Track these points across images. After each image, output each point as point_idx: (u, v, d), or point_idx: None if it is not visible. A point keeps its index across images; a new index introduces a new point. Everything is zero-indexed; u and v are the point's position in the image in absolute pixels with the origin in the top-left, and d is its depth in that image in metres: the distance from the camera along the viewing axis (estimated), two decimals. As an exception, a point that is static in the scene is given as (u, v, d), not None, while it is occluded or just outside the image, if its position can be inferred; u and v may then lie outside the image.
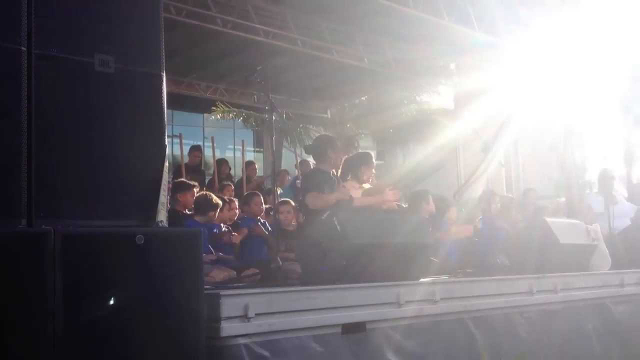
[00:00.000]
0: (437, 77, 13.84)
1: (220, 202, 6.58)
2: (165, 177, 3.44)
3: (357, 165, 6.32)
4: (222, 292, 3.51)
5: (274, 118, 5.06)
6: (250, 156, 20.58)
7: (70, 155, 3.16)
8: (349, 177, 6.43)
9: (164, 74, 3.53)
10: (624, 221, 8.56)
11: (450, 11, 9.70)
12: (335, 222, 4.25)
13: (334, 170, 6.04)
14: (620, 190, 11.21)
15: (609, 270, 6.36)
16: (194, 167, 10.57)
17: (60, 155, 3.12)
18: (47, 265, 2.76)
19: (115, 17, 3.39)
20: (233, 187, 9.19)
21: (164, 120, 3.50)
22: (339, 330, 3.97)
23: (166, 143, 3.50)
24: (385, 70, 12.39)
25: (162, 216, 3.34)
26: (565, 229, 5.87)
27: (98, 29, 3.30)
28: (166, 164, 3.46)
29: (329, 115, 16.69)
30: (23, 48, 3.04)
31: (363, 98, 18.83)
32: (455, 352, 4.61)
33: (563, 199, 11.10)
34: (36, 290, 2.73)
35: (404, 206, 6.50)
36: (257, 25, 10.16)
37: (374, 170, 6.37)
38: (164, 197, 3.39)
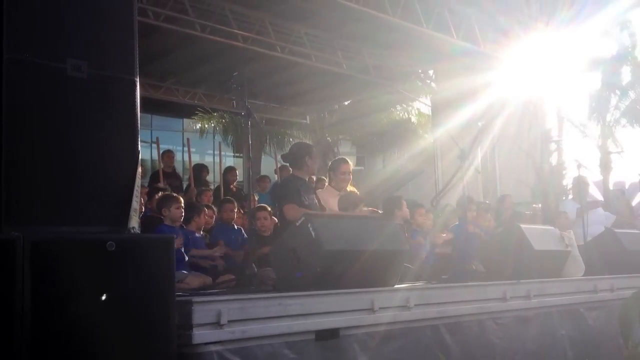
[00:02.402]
0: (415, 84, 13.91)
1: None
2: (138, 183, 3.43)
3: (332, 171, 6.37)
4: (195, 299, 3.50)
5: (249, 124, 5.04)
6: (230, 162, 20.54)
7: (41, 160, 3.13)
8: (327, 183, 6.48)
9: (138, 79, 3.51)
10: (598, 228, 8.67)
11: (429, 18, 9.77)
12: (310, 229, 4.24)
13: (309, 177, 6.09)
14: (596, 196, 11.35)
15: (582, 276, 6.42)
16: (171, 172, 10.51)
17: (31, 161, 3.10)
18: (15, 272, 2.73)
19: (88, 21, 3.37)
20: (211, 193, 9.15)
21: (137, 126, 3.48)
22: (312, 337, 3.97)
23: (139, 149, 3.49)
24: (363, 76, 12.46)
25: (134, 222, 3.32)
26: (540, 236, 5.92)
27: (71, 34, 3.28)
28: (139, 170, 3.45)
29: (308, 121, 16.71)
30: (-7, 52, 3.01)
31: (345, 103, 18.92)
32: (428, 358, 4.62)
33: (539, 205, 11.23)
34: (4, 296, 2.70)
35: (379, 212, 6.52)
36: (235, 31, 10.18)
37: (349, 176, 6.37)
38: (136, 202, 3.37)
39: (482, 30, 10.74)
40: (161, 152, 10.45)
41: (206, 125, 19.25)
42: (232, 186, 10.75)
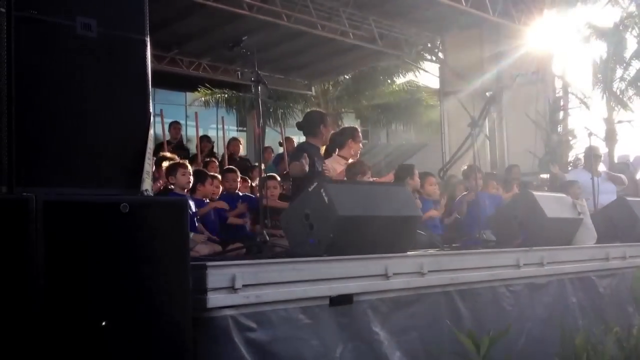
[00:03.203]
0: (422, 55, 13.77)
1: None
2: (150, 145, 3.36)
3: (344, 139, 6.30)
4: (208, 263, 3.45)
5: (259, 90, 4.95)
6: (233, 135, 20.43)
7: (52, 121, 3.05)
8: (336, 152, 6.41)
9: (148, 39, 3.43)
10: (609, 197, 8.61)
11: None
12: (323, 194, 4.18)
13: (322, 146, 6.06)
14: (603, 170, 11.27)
15: (594, 244, 6.37)
16: (177, 143, 10.46)
17: (41, 122, 3.02)
18: (29, 233, 2.68)
19: (96, -21, 3.27)
20: (217, 163, 9.11)
21: (148, 87, 3.40)
22: (326, 302, 3.93)
23: (151, 110, 3.41)
24: (370, 46, 12.31)
25: (147, 185, 3.26)
26: (552, 203, 5.85)
27: (80, -9, 3.19)
28: (151, 131, 3.38)
29: (314, 93, 16.57)
30: (2, 9, 2.92)
31: (347, 76, 18.75)
32: (441, 325, 4.59)
33: (547, 176, 11.16)
34: (18, 257, 2.65)
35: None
36: (241, -1, 10.03)
37: (361, 145, 6.36)
38: (148, 165, 3.30)
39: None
40: (168, 123, 10.39)
41: (210, 98, 19.12)
42: (237, 157, 10.72)
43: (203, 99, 18.71)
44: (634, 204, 7.03)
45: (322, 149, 6.26)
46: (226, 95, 17.97)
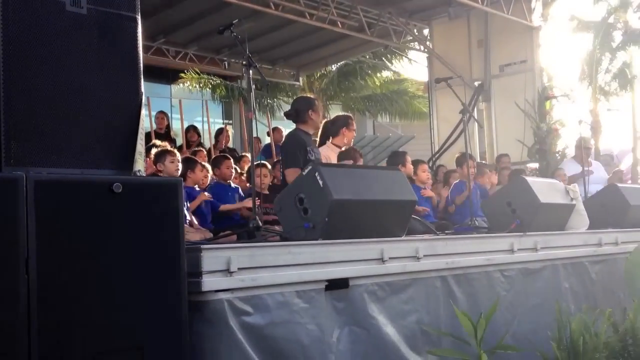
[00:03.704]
0: (410, 42, 13.72)
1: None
2: (142, 125, 3.28)
3: (338, 127, 6.25)
4: (203, 246, 3.38)
5: (250, 73, 4.86)
6: (219, 127, 20.18)
7: (41, 99, 2.96)
8: (330, 140, 6.35)
9: (139, 17, 3.34)
10: (596, 187, 8.63)
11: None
12: (317, 178, 4.12)
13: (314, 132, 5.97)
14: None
15: (587, 230, 6.35)
16: (164, 133, 10.33)
17: (30, 100, 2.93)
18: (19, 213, 2.59)
19: (86, -47, 3.18)
20: (205, 153, 9.01)
21: (140, 66, 3.32)
22: (322, 286, 3.87)
23: (142, 90, 3.33)
24: (359, 35, 12.24)
25: (140, 165, 3.18)
26: (545, 188, 5.82)
27: (68, -34, 3.09)
28: (143, 111, 3.30)
29: (301, 83, 16.46)
30: (-12, -17, 2.83)
31: (334, 67, 18.64)
32: (436, 310, 4.55)
33: (537, 165, 11.18)
34: (9, 236, 2.56)
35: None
36: (229, -14, 9.92)
37: (354, 133, 6.32)
38: (141, 145, 3.22)
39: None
40: (154, 114, 10.25)
41: (195, 85, 18.76)
42: (224, 147, 10.61)
43: (189, 83, 18.37)
44: (625, 190, 7.03)
45: (317, 134, 6.20)
46: (212, 82, 17.69)
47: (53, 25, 3.02)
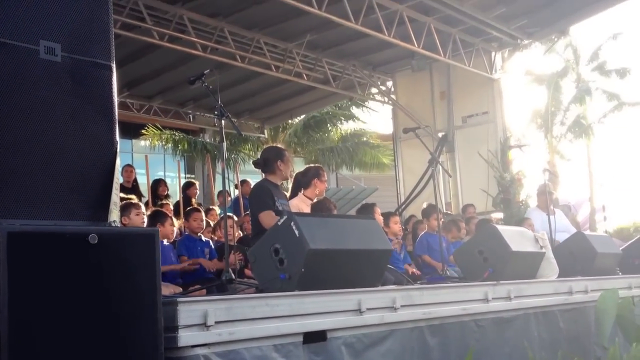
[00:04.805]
0: (374, 94, 13.92)
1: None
2: (117, 175, 3.20)
3: (309, 179, 6.22)
4: (179, 299, 3.27)
5: (222, 123, 4.83)
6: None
7: (13, 149, 2.87)
8: (301, 192, 6.31)
9: (114, 65, 3.30)
10: (563, 235, 8.73)
11: (390, 27, 9.75)
12: (293, 227, 4.06)
13: (282, 183, 5.92)
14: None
15: (556, 278, 6.38)
16: (132, 187, 10.17)
17: (3, 150, 2.83)
18: (-10, 265, 2.47)
19: (61, 3, 3.14)
20: (170, 206, 8.88)
21: (115, 114, 3.26)
22: (300, 339, 3.77)
23: (117, 139, 3.26)
24: (324, 87, 12.38)
25: (115, 216, 3.09)
26: (515, 237, 5.85)
27: (44, 15, 3.04)
28: (118, 160, 3.22)
29: (266, 136, 16.49)
30: (-39, 30, 2.76)
31: (297, 120, 18.77)
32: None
33: (501, 215, 11.29)
34: (-23, 293, 2.43)
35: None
36: (194, 39, 9.96)
37: (326, 184, 6.30)
38: (116, 195, 3.13)
39: (442, 40, 10.79)
40: (120, 168, 10.08)
41: (157, 142, 18.62)
42: (192, 200, 10.47)
43: (148, 142, 18.19)
44: (592, 238, 7.11)
45: (286, 184, 6.15)
46: (175, 136, 17.57)
47: (26, 74, 2.95)
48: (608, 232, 15.28)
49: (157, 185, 10.22)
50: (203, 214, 7.08)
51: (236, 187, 10.95)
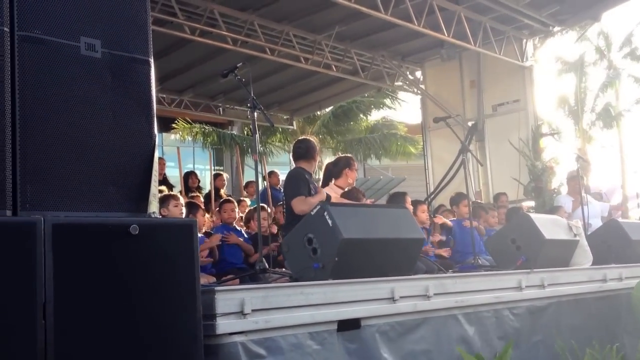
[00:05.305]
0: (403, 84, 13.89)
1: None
2: (156, 167, 3.28)
3: (340, 169, 6.28)
4: (217, 288, 3.35)
5: (255, 115, 4.90)
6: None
7: (56, 143, 2.96)
8: (332, 182, 6.37)
9: (152, 60, 3.38)
10: (595, 221, 8.67)
11: (420, 17, 9.72)
12: (327, 217, 4.12)
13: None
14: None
15: (590, 266, 6.35)
16: (162, 180, 10.30)
17: (45, 144, 2.93)
18: (37, 257, 2.57)
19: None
20: (202, 197, 8.98)
21: (153, 108, 3.34)
22: (334, 327, 3.83)
23: (156, 132, 3.34)
24: (353, 78, 12.39)
25: (154, 207, 3.17)
26: (548, 225, 5.84)
27: (84, 11, 3.12)
28: (156, 153, 3.30)
29: (295, 127, 16.57)
30: (5, 29, 2.85)
31: (326, 111, 18.80)
32: (449, 349, 4.51)
33: (531, 203, 11.21)
34: (26, 283, 2.53)
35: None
36: (224, 33, 10.04)
37: (357, 173, 6.35)
38: (155, 187, 3.22)
39: (472, 29, 10.73)
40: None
41: (186, 136, 18.80)
42: (221, 191, 10.58)
43: (180, 134, 18.39)
44: (626, 225, 7.05)
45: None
46: (205, 130, 17.72)
47: (68, 70, 3.03)
48: (642, 220, 15.04)
49: (188, 177, 10.33)
50: (235, 204, 7.16)
51: (264, 178, 11.04)
